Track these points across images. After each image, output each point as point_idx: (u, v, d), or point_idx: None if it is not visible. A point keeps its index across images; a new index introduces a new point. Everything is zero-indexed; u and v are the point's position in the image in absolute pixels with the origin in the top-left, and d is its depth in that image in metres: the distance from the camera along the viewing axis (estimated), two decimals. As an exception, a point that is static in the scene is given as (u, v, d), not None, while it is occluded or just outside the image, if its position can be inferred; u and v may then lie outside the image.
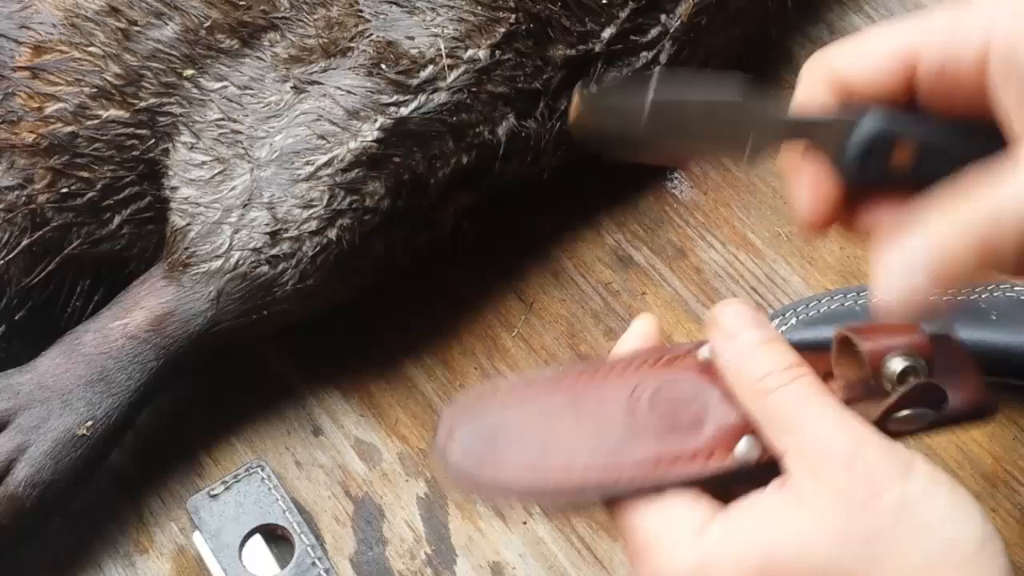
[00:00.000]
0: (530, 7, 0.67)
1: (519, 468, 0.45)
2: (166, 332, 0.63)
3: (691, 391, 0.46)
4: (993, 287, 0.67)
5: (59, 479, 0.60)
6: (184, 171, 0.65)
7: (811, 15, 0.82)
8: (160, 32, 0.65)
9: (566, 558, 0.63)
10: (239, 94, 0.65)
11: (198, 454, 0.67)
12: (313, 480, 0.66)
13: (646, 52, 0.70)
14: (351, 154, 0.64)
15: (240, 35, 0.66)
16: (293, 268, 0.64)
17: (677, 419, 0.45)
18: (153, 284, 0.64)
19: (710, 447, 0.44)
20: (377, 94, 0.64)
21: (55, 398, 0.61)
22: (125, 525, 0.65)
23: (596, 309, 0.71)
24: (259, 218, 0.63)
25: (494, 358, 0.70)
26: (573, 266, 0.73)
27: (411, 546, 0.64)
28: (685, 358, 0.47)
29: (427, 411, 0.68)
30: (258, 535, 0.63)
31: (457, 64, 0.65)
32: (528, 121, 0.67)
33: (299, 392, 0.69)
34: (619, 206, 0.75)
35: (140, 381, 0.62)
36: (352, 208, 0.64)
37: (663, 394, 0.46)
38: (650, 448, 0.45)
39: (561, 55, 0.68)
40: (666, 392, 0.46)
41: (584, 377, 0.47)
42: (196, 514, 0.63)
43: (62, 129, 0.64)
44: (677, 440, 0.45)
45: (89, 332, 0.63)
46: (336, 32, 0.65)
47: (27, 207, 0.65)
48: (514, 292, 0.72)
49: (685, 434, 0.45)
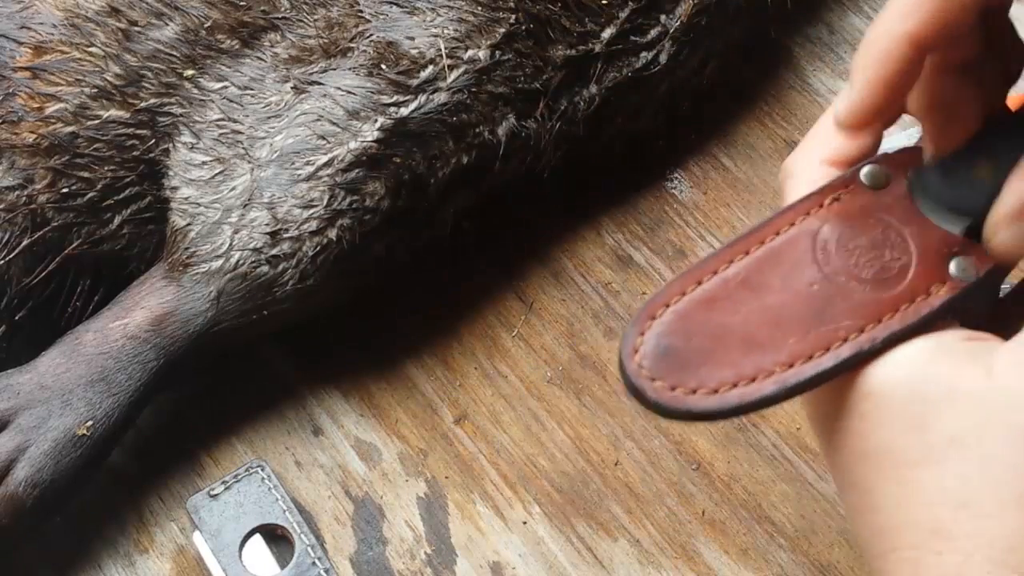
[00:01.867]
0: (530, 7, 0.67)
1: (726, 382, 0.40)
2: (166, 332, 0.63)
3: (875, 224, 0.42)
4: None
5: (59, 479, 0.60)
6: (184, 171, 0.65)
7: (811, 15, 0.82)
8: (160, 32, 0.65)
9: (566, 558, 0.63)
10: (239, 94, 0.65)
11: (198, 454, 0.67)
12: (313, 480, 0.66)
13: (646, 52, 0.70)
14: (351, 154, 0.64)
15: (240, 35, 0.66)
16: (293, 268, 0.64)
17: (875, 258, 0.41)
18: (153, 284, 0.64)
19: (924, 281, 0.41)
20: (377, 94, 0.64)
21: (55, 398, 0.61)
22: (125, 525, 0.65)
23: (596, 309, 0.71)
24: (259, 218, 0.64)
25: (494, 358, 0.70)
26: (573, 266, 0.73)
27: (411, 546, 0.64)
28: (852, 190, 0.43)
29: (427, 411, 0.68)
30: (258, 535, 0.63)
31: (457, 64, 0.65)
32: (528, 121, 0.68)
33: (299, 392, 0.69)
34: (619, 206, 0.75)
35: (140, 381, 0.62)
36: (352, 208, 0.64)
37: (847, 236, 0.42)
38: (863, 297, 0.40)
39: (561, 55, 0.68)
40: (849, 233, 0.42)
41: (748, 244, 0.42)
42: (196, 514, 0.63)
43: (62, 129, 0.65)
44: (888, 282, 0.41)
45: (89, 332, 0.63)
46: (336, 32, 0.66)
47: (27, 207, 0.65)
48: (514, 292, 0.72)
49: (892, 273, 0.41)
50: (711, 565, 0.63)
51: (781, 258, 0.42)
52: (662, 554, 0.63)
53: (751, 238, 0.42)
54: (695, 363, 0.40)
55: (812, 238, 0.42)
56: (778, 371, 0.40)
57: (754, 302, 0.41)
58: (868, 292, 0.41)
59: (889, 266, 0.41)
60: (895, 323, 0.40)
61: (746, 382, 0.40)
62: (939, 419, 0.39)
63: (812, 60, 0.80)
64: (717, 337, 0.41)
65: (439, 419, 0.68)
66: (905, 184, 0.43)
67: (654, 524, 0.64)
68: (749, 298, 0.41)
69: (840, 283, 0.41)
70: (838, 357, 0.40)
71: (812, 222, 0.42)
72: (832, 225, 0.42)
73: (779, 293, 0.41)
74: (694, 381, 0.40)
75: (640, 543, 0.64)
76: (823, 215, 0.42)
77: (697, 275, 0.42)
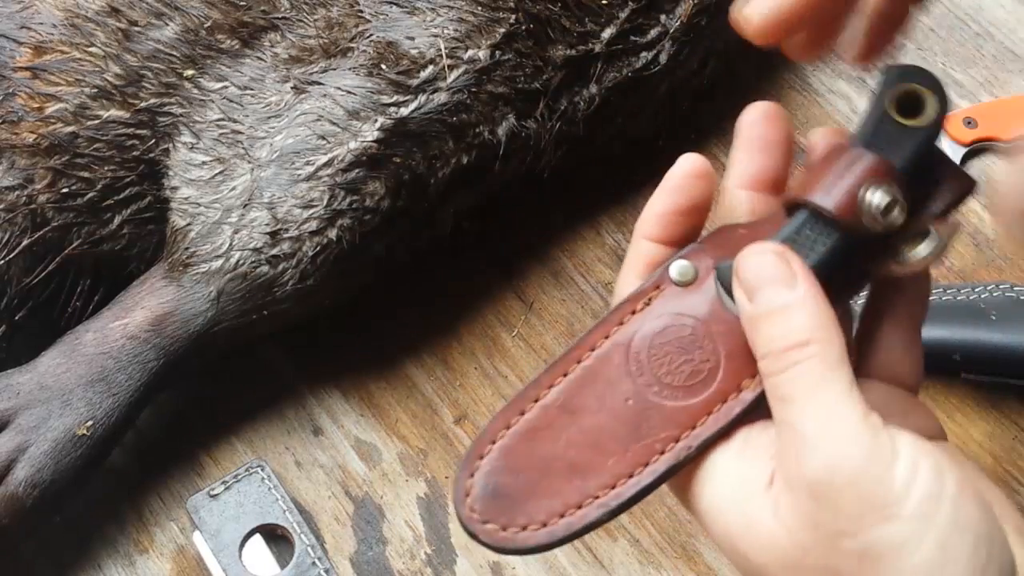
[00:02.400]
0: (530, 7, 0.67)
1: (554, 513, 0.41)
2: (166, 332, 0.63)
3: (683, 325, 0.42)
4: (993, 287, 0.67)
5: (59, 479, 0.60)
6: (184, 171, 0.65)
7: (811, 15, 0.82)
8: (160, 32, 0.65)
9: (566, 558, 0.63)
10: (239, 94, 0.65)
11: (198, 454, 0.67)
12: (313, 480, 0.66)
13: (646, 52, 0.70)
14: (351, 154, 0.64)
15: (240, 35, 0.66)
16: (293, 268, 0.64)
17: (685, 363, 0.42)
18: (153, 284, 0.64)
19: (734, 379, 0.42)
20: (377, 94, 0.64)
21: (55, 398, 0.61)
22: (125, 525, 0.65)
23: (596, 309, 0.71)
24: (259, 218, 0.64)
25: (494, 358, 0.70)
26: (573, 266, 0.73)
27: (411, 546, 0.64)
28: (663, 289, 0.43)
29: (427, 411, 0.68)
30: (258, 535, 0.63)
31: (457, 64, 0.65)
32: (528, 121, 0.67)
33: (299, 392, 0.69)
34: (619, 206, 0.75)
35: (140, 381, 0.62)
36: (352, 208, 0.64)
37: (657, 342, 0.42)
38: (676, 405, 0.42)
39: (561, 55, 0.68)
40: (659, 339, 0.43)
41: (565, 366, 0.43)
42: (196, 514, 0.63)
43: (62, 129, 0.65)
44: (698, 386, 0.42)
45: (89, 332, 0.63)
46: (336, 32, 0.66)
47: (27, 207, 0.65)
48: (514, 292, 0.72)
49: (702, 376, 0.42)
50: (711, 565, 0.63)
51: (597, 376, 0.43)
52: (662, 554, 0.63)
53: (568, 359, 0.43)
54: (523, 497, 0.42)
55: (625, 350, 0.43)
56: (601, 495, 0.42)
57: (573, 426, 0.42)
58: (680, 399, 0.42)
59: (699, 369, 0.42)
60: (708, 428, 0.42)
61: (572, 510, 0.41)
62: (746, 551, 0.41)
63: (812, 60, 0.80)
64: (542, 468, 0.42)
65: (439, 419, 0.68)
66: (712, 279, 0.43)
67: (654, 524, 0.64)
68: (568, 423, 0.42)
69: (653, 393, 0.42)
70: (655, 472, 0.42)
71: (625, 332, 0.43)
72: (643, 333, 0.43)
73: (596, 414, 0.42)
74: (523, 518, 0.41)
75: (640, 543, 0.64)
76: (636, 322, 0.43)
77: (519, 406, 0.43)
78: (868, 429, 0.39)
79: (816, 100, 0.79)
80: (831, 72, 0.80)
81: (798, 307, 0.41)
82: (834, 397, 0.39)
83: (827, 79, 0.79)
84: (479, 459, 0.42)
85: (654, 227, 0.45)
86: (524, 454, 0.42)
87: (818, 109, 0.78)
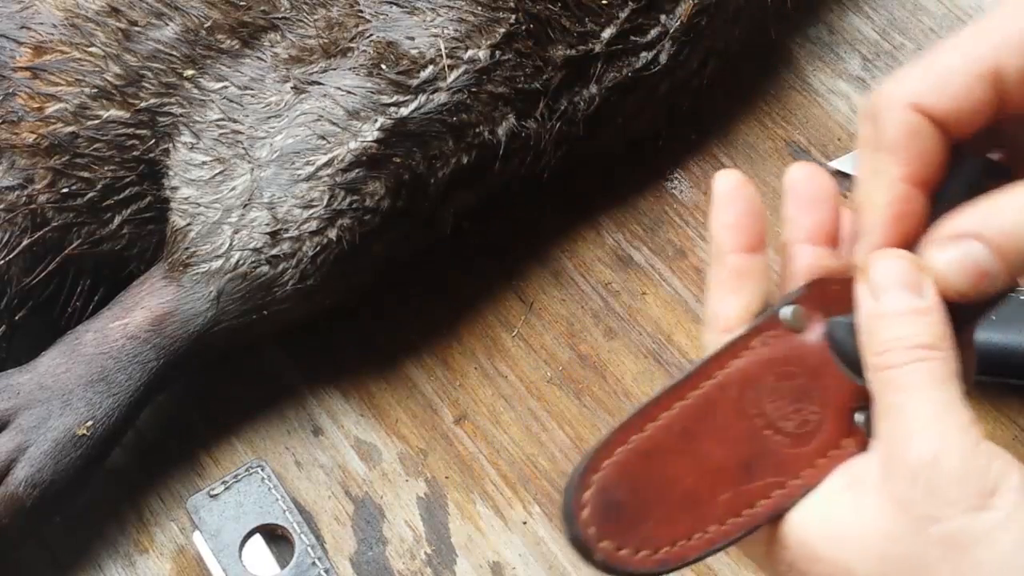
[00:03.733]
0: (530, 7, 0.67)
1: (664, 542, 0.41)
2: (166, 332, 0.63)
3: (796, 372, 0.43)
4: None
5: (59, 479, 0.60)
6: (184, 171, 0.65)
7: (811, 15, 0.82)
8: (160, 32, 0.65)
9: (566, 558, 0.63)
10: (239, 94, 0.65)
11: (198, 454, 0.67)
12: (313, 480, 0.66)
13: (646, 52, 0.70)
14: (351, 154, 0.64)
15: (240, 35, 0.66)
16: (293, 268, 0.64)
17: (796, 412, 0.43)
18: (153, 284, 0.64)
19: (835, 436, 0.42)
20: (377, 94, 0.64)
21: (55, 398, 0.61)
22: (125, 525, 0.65)
23: (596, 309, 0.71)
24: (259, 218, 0.64)
25: (494, 358, 0.70)
26: (573, 266, 0.73)
27: (411, 546, 0.64)
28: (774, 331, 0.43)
29: (427, 411, 0.68)
30: (258, 535, 0.63)
31: (457, 64, 0.65)
32: (528, 121, 0.68)
33: (299, 392, 0.69)
34: (619, 206, 0.75)
35: (140, 381, 0.62)
36: (352, 208, 0.64)
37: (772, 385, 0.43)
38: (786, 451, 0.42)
39: (561, 55, 0.68)
40: (774, 383, 0.43)
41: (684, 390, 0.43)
42: (196, 514, 0.63)
43: (62, 129, 0.65)
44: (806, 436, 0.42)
45: (89, 332, 0.63)
46: (336, 32, 0.66)
47: (27, 207, 0.65)
48: (514, 292, 0.72)
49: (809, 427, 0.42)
50: (711, 565, 0.63)
51: (716, 407, 0.43)
52: (662, 554, 0.63)
53: (686, 384, 0.43)
54: (638, 519, 0.41)
55: (740, 386, 0.43)
56: (711, 530, 0.42)
57: (690, 455, 0.42)
58: (790, 446, 0.42)
59: (808, 419, 0.43)
60: (811, 479, 0.42)
61: (683, 541, 0.41)
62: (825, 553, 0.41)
63: (812, 60, 0.80)
64: (659, 492, 0.41)
65: (439, 419, 0.68)
66: (822, 330, 0.44)
67: (654, 524, 0.64)
68: (686, 450, 0.42)
69: (767, 436, 0.42)
70: (757, 517, 0.42)
71: (740, 367, 0.43)
72: (757, 373, 0.43)
73: (714, 445, 0.42)
74: (637, 540, 0.41)
75: (640, 543, 0.64)
76: (753, 359, 0.43)
77: (638, 423, 0.42)
78: (974, 432, 0.40)
79: (816, 100, 0.79)
80: (831, 72, 0.80)
81: (928, 313, 0.41)
82: (948, 398, 0.40)
83: (827, 79, 0.79)
84: (594, 473, 0.41)
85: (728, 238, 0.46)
86: (643, 475, 0.42)
87: (818, 109, 0.78)
